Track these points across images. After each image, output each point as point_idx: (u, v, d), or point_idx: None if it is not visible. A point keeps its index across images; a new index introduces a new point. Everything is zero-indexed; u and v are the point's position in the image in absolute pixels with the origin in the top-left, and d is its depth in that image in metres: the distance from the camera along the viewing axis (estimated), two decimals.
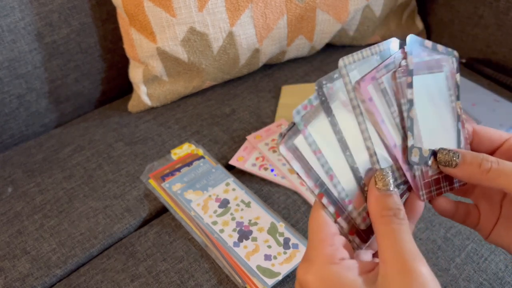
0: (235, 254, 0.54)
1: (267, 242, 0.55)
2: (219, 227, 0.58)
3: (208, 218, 0.59)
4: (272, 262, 0.53)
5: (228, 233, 0.57)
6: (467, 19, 0.92)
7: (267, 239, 0.56)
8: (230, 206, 0.60)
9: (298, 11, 0.79)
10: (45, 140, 0.79)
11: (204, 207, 0.60)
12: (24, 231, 0.62)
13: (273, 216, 0.59)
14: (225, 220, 0.58)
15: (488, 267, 0.54)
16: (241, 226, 0.57)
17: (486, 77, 0.86)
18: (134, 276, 0.55)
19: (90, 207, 0.65)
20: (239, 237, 0.56)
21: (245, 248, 0.55)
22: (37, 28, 0.76)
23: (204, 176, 0.65)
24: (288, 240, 0.55)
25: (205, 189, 0.63)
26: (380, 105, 0.32)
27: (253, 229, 0.57)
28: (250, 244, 0.55)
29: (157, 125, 0.78)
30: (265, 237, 0.56)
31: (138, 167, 0.70)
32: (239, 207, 0.60)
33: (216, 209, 0.60)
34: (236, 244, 0.55)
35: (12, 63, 0.75)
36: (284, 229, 0.57)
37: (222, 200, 0.61)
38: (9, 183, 0.70)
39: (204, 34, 0.74)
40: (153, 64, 0.77)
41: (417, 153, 0.32)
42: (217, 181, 0.64)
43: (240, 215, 0.59)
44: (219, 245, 0.55)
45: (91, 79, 0.86)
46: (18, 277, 0.57)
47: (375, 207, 0.29)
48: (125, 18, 0.75)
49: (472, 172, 0.30)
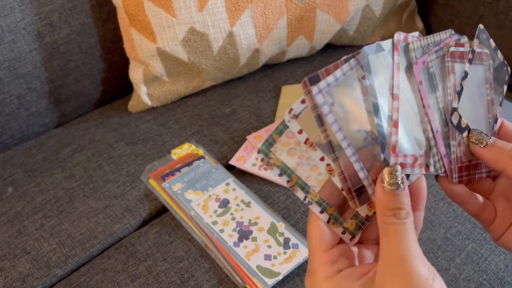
0: (235, 254, 0.54)
1: (267, 242, 0.55)
2: (219, 227, 0.57)
3: (208, 218, 0.59)
4: (272, 262, 0.53)
5: (228, 233, 0.56)
6: (467, 19, 0.92)
7: (267, 239, 0.55)
8: (230, 206, 0.60)
9: (298, 11, 0.79)
10: (45, 140, 0.79)
11: (204, 207, 0.60)
12: (25, 231, 0.62)
13: (273, 216, 0.59)
14: (225, 220, 0.58)
15: (488, 267, 0.54)
16: (241, 226, 0.57)
17: None
18: (134, 276, 0.56)
19: (90, 207, 0.65)
20: (239, 237, 0.56)
21: (245, 248, 0.55)
22: (37, 28, 0.76)
23: (204, 176, 0.65)
24: (288, 240, 0.55)
25: (205, 189, 0.63)
26: (427, 90, 0.32)
27: (253, 229, 0.57)
28: (250, 244, 0.55)
29: (157, 125, 0.78)
30: (265, 237, 0.56)
31: (138, 167, 0.70)
32: (239, 207, 0.60)
33: (216, 209, 0.60)
34: (236, 244, 0.55)
35: (13, 63, 0.75)
36: (284, 229, 0.56)
37: (222, 200, 0.61)
38: (9, 183, 0.70)
39: (204, 34, 0.74)
40: (153, 64, 0.77)
41: (457, 117, 0.33)
42: (217, 181, 0.64)
43: (240, 215, 0.59)
44: (219, 245, 0.55)
45: (91, 79, 0.86)
46: (18, 277, 0.57)
47: (379, 204, 0.29)
48: (125, 18, 0.75)
49: (500, 155, 0.31)
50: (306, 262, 0.52)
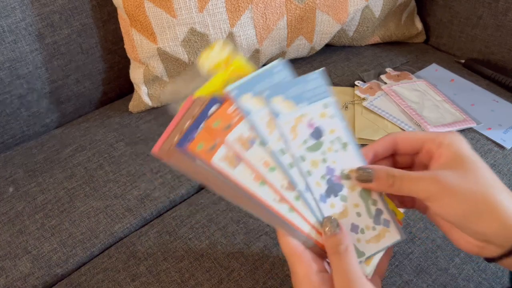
0: (317, 211, 0.38)
1: (357, 207, 0.40)
2: (306, 166, 0.38)
3: (296, 148, 0.38)
4: (358, 237, 0.39)
5: (315, 179, 0.39)
6: (466, 19, 0.92)
7: (358, 204, 0.40)
8: (323, 140, 0.40)
9: (297, 12, 0.79)
10: (46, 140, 0.79)
11: (293, 129, 0.38)
12: (25, 230, 0.63)
13: None
14: (314, 159, 0.39)
15: (487, 267, 0.55)
16: (332, 175, 0.39)
17: (485, 77, 0.87)
18: (135, 275, 0.56)
19: (91, 206, 0.65)
20: (327, 190, 0.39)
21: (332, 207, 0.39)
22: (38, 28, 0.76)
23: (297, 85, 0.40)
24: (380, 212, 0.40)
25: (299, 101, 0.39)
26: None
27: (345, 184, 0.40)
28: (338, 204, 0.39)
29: (158, 125, 0.79)
30: (356, 200, 0.40)
31: (138, 167, 0.71)
32: (334, 146, 0.40)
33: (306, 139, 0.39)
34: (323, 198, 0.39)
35: (13, 64, 0.75)
36: (378, 196, 0.40)
37: (316, 129, 0.40)
38: (10, 183, 0.70)
39: (205, 34, 0.75)
40: (154, 65, 0.78)
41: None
42: (314, 96, 0.40)
43: (333, 158, 0.40)
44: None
45: (92, 80, 0.86)
46: (19, 277, 0.58)
47: (326, 246, 0.37)
48: (125, 19, 0.75)
49: (383, 186, 0.37)
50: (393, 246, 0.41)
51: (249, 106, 0.37)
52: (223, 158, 0.35)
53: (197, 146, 0.35)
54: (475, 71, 0.88)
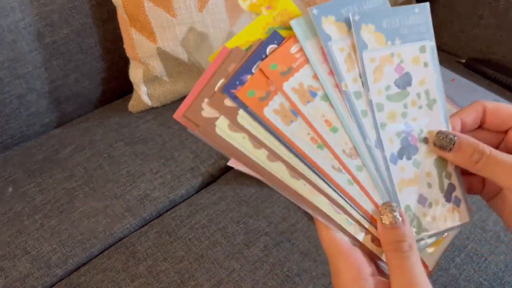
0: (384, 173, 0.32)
1: (429, 176, 0.34)
2: (382, 117, 0.32)
3: (376, 93, 0.32)
4: (425, 211, 0.33)
5: (389, 135, 0.32)
6: (467, 19, 0.92)
7: (430, 172, 0.34)
8: (410, 91, 0.33)
9: None
10: (45, 140, 0.79)
11: (377, 70, 0.32)
12: (25, 231, 0.62)
13: None
14: (393, 110, 0.32)
15: (488, 267, 0.54)
16: (408, 134, 0.33)
17: (486, 77, 0.86)
18: (135, 275, 0.56)
19: (91, 207, 0.65)
20: (400, 150, 0.33)
21: (401, 170, 0.32)
22: (37, 28, 0.76)
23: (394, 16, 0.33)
24: (452, 188, 0.35)
25: (392, 37, 0.32)
26: None
27: (420, 148, 0.33)
28: (410, 168, 0.33)
29: (158, 125, 0.78)
30: (429, 168, 0.34)
31: (138, 167, 0.70)
32: (420, 100, 0.33)
33: (390, 84, 0.32)
34: (394, 158, 0.32)
35: (13, 63, 0.75)
36: (453, 170, 0.35)
37: (405, 75, 0.33)
38: (9, 183, 0.70)
39: (204, 34, 0.75)
40: (153, 64, 0.77)
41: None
42: (411, 35, 0.33)
43: (415, 114, 0.33)
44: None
45: (91, 79, 0.86)
46: (18, 277, 0.57)
47: (383, 240, 0.30)
48: (125, 18, 0.75)
49: (464, 160, 0.31)
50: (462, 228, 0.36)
51: (329, 32, 0.29)
52: (276, 111, 0.29)
53: (247, 92, 0.28)
54: (476, 71, 0.88)
